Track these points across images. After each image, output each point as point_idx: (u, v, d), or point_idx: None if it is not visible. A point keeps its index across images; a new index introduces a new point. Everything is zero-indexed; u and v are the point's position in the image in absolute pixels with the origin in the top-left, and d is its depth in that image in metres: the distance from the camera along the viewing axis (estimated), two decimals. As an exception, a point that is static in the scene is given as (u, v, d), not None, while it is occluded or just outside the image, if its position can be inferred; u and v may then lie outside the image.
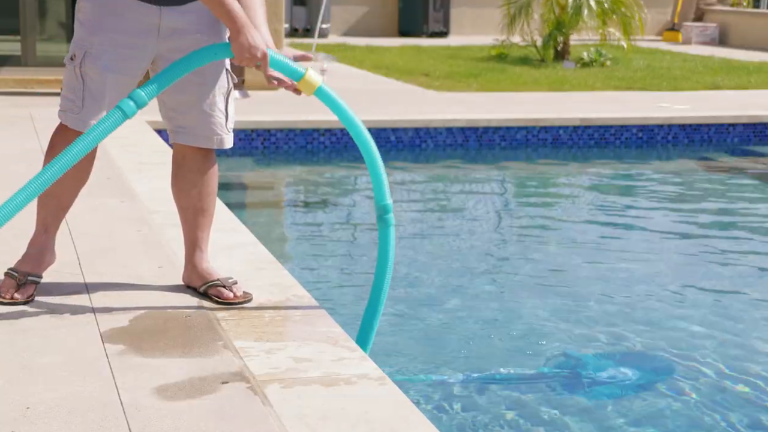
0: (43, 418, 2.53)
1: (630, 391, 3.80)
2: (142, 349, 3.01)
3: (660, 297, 4.95)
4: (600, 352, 4.19)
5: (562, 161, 8.64)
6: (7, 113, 8.12)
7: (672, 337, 4.38)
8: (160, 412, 2.59)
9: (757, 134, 9.46)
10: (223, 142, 3.47)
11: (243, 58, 3.12)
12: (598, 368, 3.98)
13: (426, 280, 5.14)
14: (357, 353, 3.04)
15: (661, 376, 3.94)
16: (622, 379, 3.83)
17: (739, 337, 4.41)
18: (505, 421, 3.53)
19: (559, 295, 4.95)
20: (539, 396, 3.72)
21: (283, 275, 3.80)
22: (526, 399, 3.69)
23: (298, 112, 8.81)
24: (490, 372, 3.90)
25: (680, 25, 19.81)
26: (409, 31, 19.62)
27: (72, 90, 3.28)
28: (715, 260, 5.72)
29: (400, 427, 2.55)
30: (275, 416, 2.58)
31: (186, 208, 3.52)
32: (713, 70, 13.88)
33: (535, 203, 7.37)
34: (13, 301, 3.34)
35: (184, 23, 3.26)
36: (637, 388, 3.83)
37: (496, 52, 14.95)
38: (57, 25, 11.04)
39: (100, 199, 4.94)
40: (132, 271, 3.76)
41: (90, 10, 3.26)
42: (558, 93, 11.15)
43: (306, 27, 18.31)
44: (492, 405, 3.64)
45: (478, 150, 8.74)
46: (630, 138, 9.15)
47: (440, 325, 4.44)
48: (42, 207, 3.43)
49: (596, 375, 3.90)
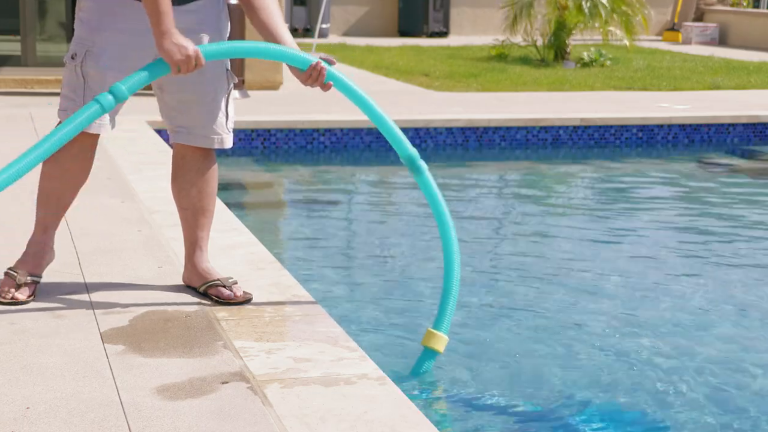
0: (43, 418, 2.53)
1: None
2: (142, 349, 3.01)
3: (659, 297, 4.94)
4: (599, 352, 4.19)
5: (562, 161, 8.64)
6: (7, 113, 8.12)
7: (671, 337, 4.38)
8: (160, 412, 2.59)
9: (757, 134, 9.46)
10: (223, 141, 3.47)
11: (175, 61, 3.06)
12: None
13: (425, 280, 5.14)
14: (357, 353, 3.04)
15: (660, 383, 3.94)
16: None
17: (740, 337, 4.41)
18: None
19: (559, 295, 4.94)
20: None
21: (283, 275, 3.80)
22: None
23: (298, 112, 8.81)
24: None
25: (680, 25, 19.81)
26: (409, 31, 19.62)
27: (73, 89, 3.28)
28: (715, 260, 5.72)
29: (400, 427, 2.55)
30: (275, 416, 2.58)
31: (186, 208, 3.52)
32: (713, 70, 13.88)
33: (535, 203, 7.36)
34: (13, 301, 3.34)
35: (185, 22, 3.26)
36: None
37: (496, 52, 14.95)
38: (57, 25, 11.03)
39: (100, 199, 4.94)
40: (132, 271, 3.77)
41: (91, 8, 3.26)
42: (558, 93, 11.15)
43: (306, 27, 18.31)
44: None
45: (478, 150, 8.74)
46: (630, 138, 9.15)
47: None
48: (41, 206, 3.43)
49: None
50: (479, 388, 3.71)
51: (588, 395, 3.72)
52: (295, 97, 9.80)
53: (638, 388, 3.79)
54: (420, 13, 19.52)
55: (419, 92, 11.04)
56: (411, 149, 3.45)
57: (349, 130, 8.49)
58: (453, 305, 3.49)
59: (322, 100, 9.48)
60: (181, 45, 3.06)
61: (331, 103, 9.19)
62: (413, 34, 19.45)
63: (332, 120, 8.51)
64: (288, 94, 10.07)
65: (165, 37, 3.06)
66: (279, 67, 10.35)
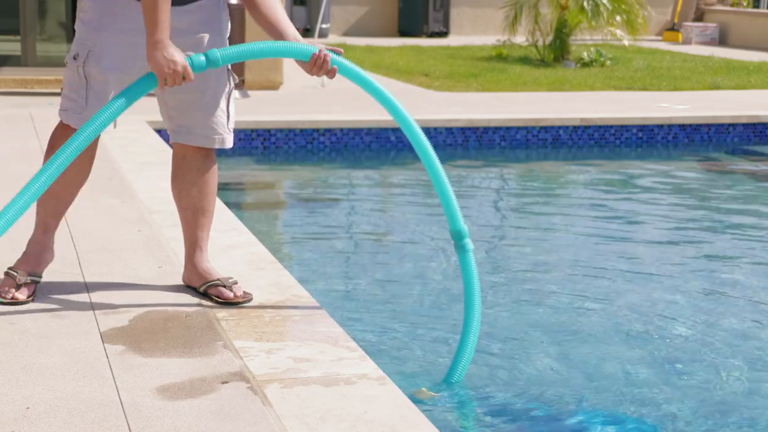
0: (43, 418, 2.53)
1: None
2: (142, 349, 3.01)
3: (659, 297, 4.95)
4: (596, 351, 4.20)
5: (562, 161, 8.64)
6: (7, 113, 8.12)
7: (671, 337, 4.38)
8: (160, 412, 2.59)
9: (757, 134, 9.46)
10: (224, 141, 3.47)
11: (163, 74, 3.06)
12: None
13: (425, 280, 5.14)
14: (356, 353, 3.04)
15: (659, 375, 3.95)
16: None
17: (739, 336, 4.41)
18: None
19: (559, 294, 4.95)
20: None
21: (283, 275, 3.80)
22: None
23: (298, 112, 8.81)
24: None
25: (680, 25, 19.81)
26: (409, 31, 19.62)
27: (74, 89, 3.28)
28: (714, 260, 5.72)
29: (400, 427, 2.55)
30: (275, 416, 2.58)
31: (186, 207, 3.52)
32: (713, 70, 13.88)
33: (534, 203, 7.36)
34: (13, 301, 3.34)
35: (185, 23, 3.26)
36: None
37: (496, 53, 14.95)
38: (57, 25, 11.04)
39: (100, 199, 4.94)
40: (132, 271, 3.77)
41: (92, 9, 3.26)
42: (558, 93, 11.15)
43: (306, 27, 18.31)
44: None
45: (478, 150, 8.74)
46: (630, 138, 9.15)
47: (437, 326, 4.44)
48: (41, 206, 3.43)
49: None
50: (480, 387, 3.71)
51: (588, 395, 3.72)
52: (295, 97, 9.80)
53: (625, 394, 3.79)
54: (420, 13, 19.52)
55: (419, 92, 11.04)
56: (463, 224, 3.48)
57: (349, 130, 8.49)
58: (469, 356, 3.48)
59: (322, 100, 9.48)
60: (170, 59, 3.05)
61: (331, 103, 9.19)
62: (413, 34, 19.45)
63: (332, 120, 8.51)
64: (288, 94, 10.07)
65: (157, 48, 3.05)
66: (279, 67, 10.36)
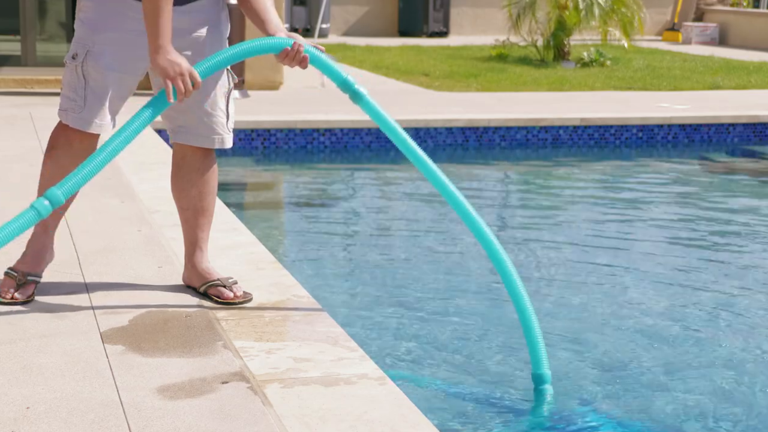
0: (43, 418, 2.53)
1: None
2: (142, 349, 3.01)
3: (659, 297, 4.95)
4: (595, 352, 4.20)
5: (562, 161, 8.64)
6: (7, 113, 8.12)
7: (670, 337, 4.38)
8: (160, 412, 2.59)
9: (757, 134, 9.46)
10: (224, 141, 3.48)
11: (169, 77, 3.07)
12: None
13: (424, 280, 5.14)
14: (357, 353, 3.04)
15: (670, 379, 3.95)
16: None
17: (739, 337, 4.41)
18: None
19: (558, 295, 4.95)
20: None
21: (283, 275, 3.80)
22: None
23: (298, 112, 8.81)
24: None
25: (680, 25, 19.81)
26: (409, 31, 19.62)
27: (73, 89, 3.28)
28: (715, 260, 5.72)
29: (400, 427, 2.55)
30: (275, 416, 2.58)
31: (186, 208, 3.52)
32: (713, 70, 13.88)
33: (534, 203, 7.37)
34: (13, 300, 3.34)
35: (185, 23, 3.26)
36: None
37: (496, 53, 14.95)
38: (57, 25, 11.04)
39: (100, 199, 4.94)
40: (132, 271, 3.77)
41: (91, 9, 3.26)
42: (558, 93, 11.15)
43: (306, 27, 18.31)
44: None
45: (478, 150, 8.74)
46: (630, 138, 9.15)
47: (438, 325, 4.44)
48: (42, 206, 3.43)
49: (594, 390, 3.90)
50: (479, 387, 3.71)
51: (587, 395, 3.72)
52: (295, 97, 9.80)
53: (624, 392, 3.79)
54: (420, 13, 19.53)
55: (419, 92, 11.04)
56: (546, 369, 3.46)
57: (349, 130, 8.49)
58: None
59: (322, 101, 9.48)
60: (174, 62, 3.07)
61: (331, 104, 9.20)
62: (413, 34, 19.45)
63: (332, 120, 8.51)
64: (288, 94, 10.07)
65: (160, 52, 3.07)
66: (279, 66, 10.35)
